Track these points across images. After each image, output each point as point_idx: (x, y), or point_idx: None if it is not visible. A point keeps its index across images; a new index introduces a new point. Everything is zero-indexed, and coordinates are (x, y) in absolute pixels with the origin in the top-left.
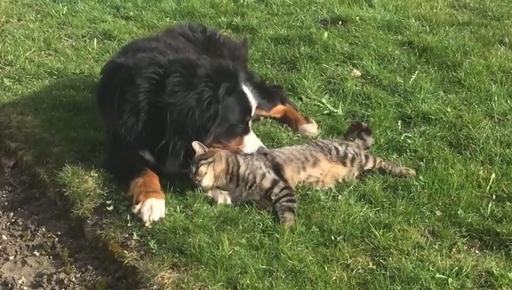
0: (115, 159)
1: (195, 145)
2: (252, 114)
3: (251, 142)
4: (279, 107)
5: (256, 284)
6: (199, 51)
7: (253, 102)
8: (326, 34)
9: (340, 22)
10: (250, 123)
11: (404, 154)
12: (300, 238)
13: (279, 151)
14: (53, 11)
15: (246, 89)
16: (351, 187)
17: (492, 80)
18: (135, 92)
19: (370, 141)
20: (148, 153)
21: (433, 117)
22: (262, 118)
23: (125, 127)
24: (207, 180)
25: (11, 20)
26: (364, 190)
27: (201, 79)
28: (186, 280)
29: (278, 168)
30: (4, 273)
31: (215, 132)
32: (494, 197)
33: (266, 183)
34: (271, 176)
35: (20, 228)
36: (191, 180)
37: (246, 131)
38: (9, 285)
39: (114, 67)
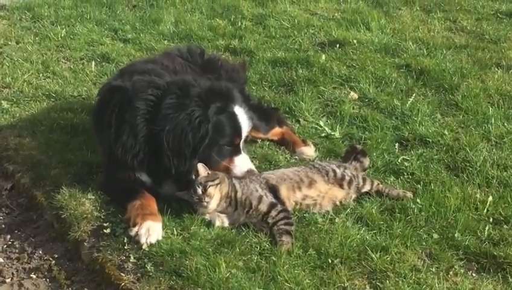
0: (112, 181)
1: (200, 167)
2: (243, 136)
3: (240, 164)
4: (277, 130)
5: None
6: (197, 73)
7: (244, 124)
8: (323, 56)
9: (337, 45)
10: (241, 144)
11: (402, 177)
12: (297, 261)
13: (271, 173)
14: (51, 33)
15: (239, 111)
16: (348, 210)
17: (489, 102)
18: (133, 114)
19: (367, 162)
20: (145, 174)
21: (430, 140)
22: (259, 141)
23: (123, 148)
24: (214, 203)
25: (9, 42)
26: (361, 213)
27: (192, 99)
28: None
29: (273, 190)
30: None
31: (205, 151)
32: (491, 220)
33: (263, 208)
34: (268, 199)
35: (17, 251)
36: (196, 203)
37: (236, 152)
38: None
39: (110, 89)
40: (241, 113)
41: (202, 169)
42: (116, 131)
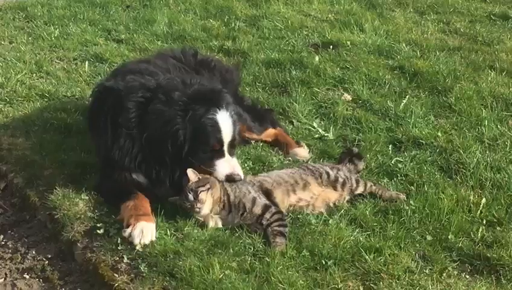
0: (107, 182)
1: (190, 172)
2: (225, 142)
3: (221, 167)
4: (270, 131)
5: None
6: (190, 73)
7: (226, 130)
8: (317, 58)
9: (331, 46)
10: (225, 148)
11: (395, 179)
12: (291, 262)
13: (266, 175)
14: (45, 33)
15: (222, 116)
16: (341, 211)
17: (482, 104)
18: (127, 117)
19: (361, 165)
20: (142, 176)
21: (423, 141)
22: (253, 142)
23: (121, 151)
24: (207, 208)
25: (2, 42)
26: (355, 214)
27: (172, 106)
28: None
29: (267, 194)
30: None
31: (187, 158)
32: (484, 222)
33: (257, 210)
34: (261, 201)
35: (10, 251)
36: (188, 209)
37: (218, 156)
38: None
39: (104, 91)
40: (224, 119)
41: (192, 175)
42: (112, 135)
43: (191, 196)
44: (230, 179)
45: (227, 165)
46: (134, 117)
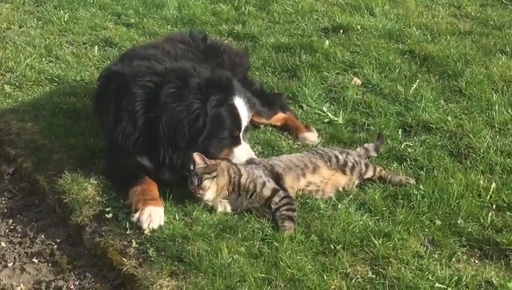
0: (114, 167)
1: (196, 157)
2: (243, 128)
3: (240, 154)
4: (280, 115)
5: None
6: (199, 58)
7: (244, 116)
8: (327, 42)
9: (341, 31)
10: (241, 135)
11: (405, 163)
12: (299, 246)
13: (278, 159)
14: (54, 18)
15: (239, 102)
16: (350, 196)
17: (493, 89)
18: (131, 100)
19: (374, 153)
20: (147, 159)
21: (433, 126)
22: (262, 126)
23: (123, 134)
24: (210, 195)
25: (12, 26)
26: (364, 199)
27: (191, 91)
28: (184, 288)
29: (277, 178)
30: (3, 280)
31: (204, 144)
32: (494, 206)
33: (266, 192)
34: (271, 185)
35: (19, 235)
36: (192, 193)
37: (235, 143)
38: None
39: (109, 75)
40: (241, 105)
41: (198, 159)
42: (114, 118)
43: (195, 181)
44: (250, 163)
45: (244, 152)
46: (141, 101)
